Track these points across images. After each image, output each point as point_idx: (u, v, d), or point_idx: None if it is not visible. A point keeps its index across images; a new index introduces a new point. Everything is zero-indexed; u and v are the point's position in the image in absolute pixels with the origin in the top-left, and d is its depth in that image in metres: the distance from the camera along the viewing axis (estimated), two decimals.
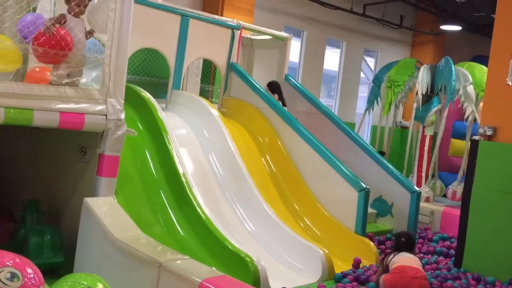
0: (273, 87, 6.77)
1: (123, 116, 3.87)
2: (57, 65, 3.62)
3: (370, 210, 6.22)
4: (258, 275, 3.85)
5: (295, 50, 10.20)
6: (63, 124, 3.56)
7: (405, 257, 4.12)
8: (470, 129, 7.76)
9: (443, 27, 11.97)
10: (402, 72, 8.37)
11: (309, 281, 4.38)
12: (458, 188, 7.62)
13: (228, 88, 6.64)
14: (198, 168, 5.25)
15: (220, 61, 6.58)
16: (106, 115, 3.76)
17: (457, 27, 11.86)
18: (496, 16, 5.16)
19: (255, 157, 5.90)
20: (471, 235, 5.01)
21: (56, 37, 3.56)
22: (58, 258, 3.78)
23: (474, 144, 5.06)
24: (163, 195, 4.66)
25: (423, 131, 8.16)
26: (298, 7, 10.02)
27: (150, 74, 6.62)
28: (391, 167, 6.46)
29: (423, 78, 7.82)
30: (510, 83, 4.93)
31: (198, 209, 4.43)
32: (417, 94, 7.82)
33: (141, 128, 5.09)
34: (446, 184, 8.16)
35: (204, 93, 7.08)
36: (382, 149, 8.60)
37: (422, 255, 5.47)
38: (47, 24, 3.58)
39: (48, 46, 3.53)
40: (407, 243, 4.31)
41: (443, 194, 8.13)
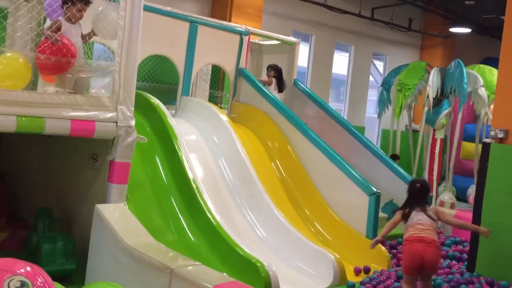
0: (273, 70, 6.82)
1: (133, 123, 3.90)
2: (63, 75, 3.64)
3: (381, 215, 6.16)
4: (270, 281, 3.84)
5: (304, 55, 10.21)
6: (74, 132, 3.59)
7: (417, 225, 3.96)
8: (483, 132, 7.70)
9: (452, 30, 11.92)
10: (412, 76, 8.32)
11: (321, 287, 4.36)
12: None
13: (237, 94, 6.66)
14: (208, 174, 5.26)
15: (229, 67, 6.60)
16: (117, 122, 3.78)
17: (467, 30, 11.81)
18: (506, 18, 5.13)
19: (265, 162, 5.90)
20: (484, 239, 4.96)
21: (67, 46, 3.59)
22: (70, 265, 3.81)
23: (486, 147, 5.01)
24: (174, 201, 4.67)
25: (434, 134, 8.12)
26: (306, 12, 10.04)
27: (159, 81, 6.66)
28: (402, 171, 6.43)
29: (434, 81, 7.78)
30: None
31: (209, 215, 4.44)
32: (428, 97, 7.78)
33: (151, 135, 5.11)
34: (458, 188, 8.10)
35: (213, 99, 7.10)
36: (395, 153, 8.54)
37: None
38: (50, 34, 3.57)
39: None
40: (422, 190, 4.11)
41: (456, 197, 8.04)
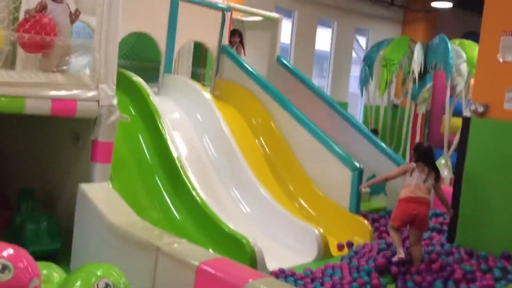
0: (239, 35, 6.83)
1: (116, 102, 3.86)
2: (45, 53, 3.58)
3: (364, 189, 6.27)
4: (255, 256, 3.90)
5: (287, 31, 10.14)
6: (55, 112, 3.55)
7: (411, 186, 4.35)
8: (462, 106, 7.77)
9: (434, 4, 11.93)
10: (397, 51, 8.33)
11: (306, 260, 4.44)
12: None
13: (220, 71, 6.61)
14: (192, 152, 5.26)
15: (211, 44, 6.54)
16: (98, 101, 3.75)
17: (448, 4, 11.82)
18: None
19: (249, 139, 5.92)
20: (464, 211, 5.07)
21: (40, 23, 3.51)
22: (55, 245, 3.81)
23: (466, 121, 5.09)
24: (158, 180, 4.68)
25: (415, 109, 8.20)
26: None
27: (141, 59, 6.56)
28: (384, 146, 6.51)
29: (418, 56, 7.81)
30: (501, 60, 4.94)
31: (194, 193, 4.46)
32: (413, 73, 7.81)
33: (134, 113, 5.07)
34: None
35: (196, 76, 7.04)
36: (375, 128, 8.61)
37: None
38: (27, 10, 3.53)
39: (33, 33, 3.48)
40: (429, 151, 4.49)
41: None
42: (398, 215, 4.41)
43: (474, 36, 6.96)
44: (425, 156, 4.47)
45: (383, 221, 5.72)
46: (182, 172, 4.60)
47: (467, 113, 5.16)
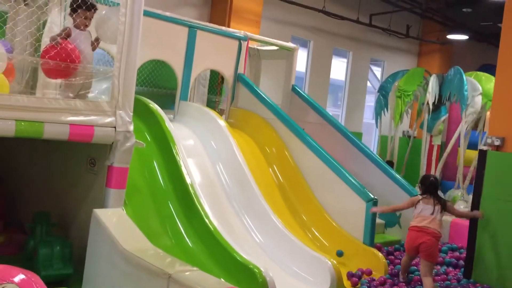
0: None
1: (132, 128, 3.90)
2: (68, 80, 3.65)
3: (378, 221, 6.20)
4: (267, 286, 3.84)
5: (302, 60, 10.24)
6: (73, 137, 3.59)
7: (419, 217, 4.64)
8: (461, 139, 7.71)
9: (450, 37, 11.98)
10: (412, 82, 8.36)
11: None
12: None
13: (235, 99, 6.67)
14: (206, 179, 5.27)
15: (227, 72, 6.62)
16: (115, 127, 3.79)
17: (464, 36, 11.87)
18: (503, 26, 5.17)
19: (263, 168, 5.91)
20: (480, 246, 4.98)
21: (66, 50, 3.60)
22: (68, 270, 3.80)
23: (482, 154, 5.04)
24: (171, 206, 4.67)
25: (431, 141, 8.15)
26: (305, 18, 10.07)
27: (158, 86, 6.67)
28: (399, 177, 6.45)
29: (433, 88, 7.81)
30: None
31: (206, 220, 4.44)
32: (428, 104, 7.81)
33: (149, 140, 5.12)
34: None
35: (211, 104, 7.11)
36: (390, 159, 8.56)
37: None
38: (54, 37, 3.62)
39: (58, 60, 3.57)
40: (434, 183, 4.73)
41: None
42: (405, 244, 4.83)
43: (491, 69, 6.96)
44: (432, 188, 4.71)
45: (398, 254, 5.63)
46: (195, 199, 4.59)
47: (483, 147, 5.12)
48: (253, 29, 8.32)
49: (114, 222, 3.71)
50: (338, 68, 11.47)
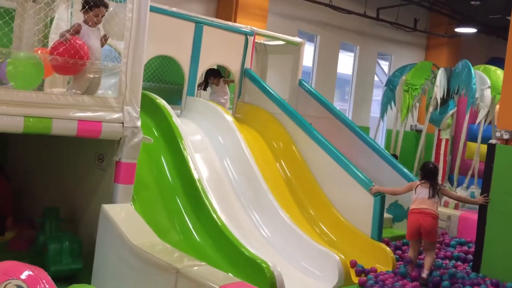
0: (214, 73, 6.68)
1: (139, 124, 3.91)
2: (77, 76, 3.67)
3: (386, 215, 6.18)
4: (275, 281, 3.85)
5: (309, 55, 10.21)
6: (81, 132, 3.61)
7: (418, 199, 4.85)
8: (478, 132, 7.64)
9: (458, 30, 11.88)
10: (419, 76, 8.28)
11: (326, 287, 4.37)
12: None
13: (242, 94, 6.67)
14: (213, 174, 5.28)
15: (234, 67, 6.62)
16: (123, 123, 3.80)
17: (472, 30, 11.76)
18: None
19: (270, 163, 5.91)
20: (489, 240, 4.96)
21: (75, 47, 3.61)
22: (77, 265, 3.83)
23: (491, 148, 5.00)
24: (179, 201, 4.69)
25: (439, 135, 8.10)
26: (311, 12, 10.04)
27: (165, 81, 6.68)
28: (407, 171, 6.43)
29: (441, 81, 7.76)
30: None
31: (214, 215, 4.45)
32: (435, 97, 7.76)
33: (157, 135, 5.13)
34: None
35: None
36: (395, 153, 8.51)
37: (440, 260, 5.41)
38: (63, 33, 3.64)
39: (67, 57, 3.58)
40: (433, 170, 4.96)
41: None
42: (407, 229, 4.91)
43: (499, 62, 6.90)
44: (430, 175, 4.93)
45: (406, 248, 5.62)
46: (203, 194, 4.60)
47: (493, 140, 5.09)
48: (260, 24, 8.30)
49: (123, 217, 3.73)
50: (345, 63, 11.43)
